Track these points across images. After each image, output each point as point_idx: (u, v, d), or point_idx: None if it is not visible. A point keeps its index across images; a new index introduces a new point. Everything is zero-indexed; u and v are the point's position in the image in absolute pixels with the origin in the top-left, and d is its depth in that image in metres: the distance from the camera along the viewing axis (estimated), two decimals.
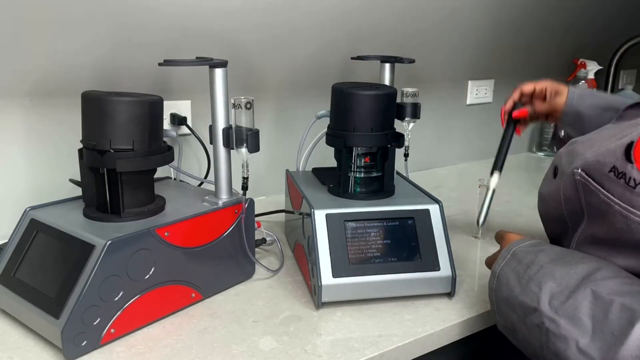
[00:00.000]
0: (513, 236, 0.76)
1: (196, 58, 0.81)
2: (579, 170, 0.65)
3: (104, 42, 1.03)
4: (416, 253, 0.83)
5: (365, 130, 0.87)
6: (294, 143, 1.17)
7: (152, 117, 0.77)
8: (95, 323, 0.69)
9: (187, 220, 0.79)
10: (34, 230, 0.77)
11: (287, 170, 1.06)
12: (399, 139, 0.91)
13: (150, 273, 0.75)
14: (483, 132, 1.70)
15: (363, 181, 0.91)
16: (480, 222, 0.96)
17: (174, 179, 1.01)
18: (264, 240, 1.00)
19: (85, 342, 0.69)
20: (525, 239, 0.73)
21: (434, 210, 0.86)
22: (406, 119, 0.99)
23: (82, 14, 1.00)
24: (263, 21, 1.20)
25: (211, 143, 0.84)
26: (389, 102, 0.89)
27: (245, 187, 0.84)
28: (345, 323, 0.78)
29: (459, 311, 0.82)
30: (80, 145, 0.78)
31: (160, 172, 0.86)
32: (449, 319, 0.80)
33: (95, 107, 0.74)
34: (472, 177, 1.45)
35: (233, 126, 0.81)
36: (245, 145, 0.81)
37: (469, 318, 0.80)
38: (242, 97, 0.80)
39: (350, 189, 0.90)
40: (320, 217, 0.82)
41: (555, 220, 0.75)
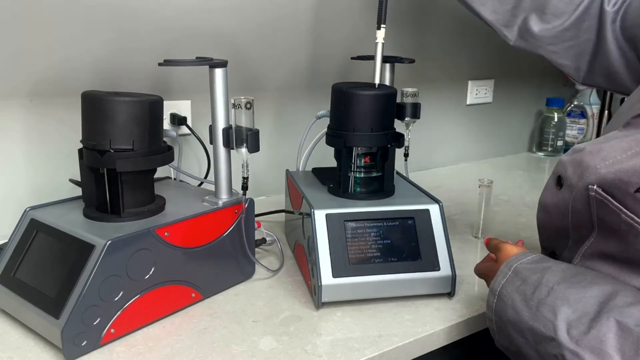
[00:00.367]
0: (511, 248, 0.72)
1: (196, 58, 0.81)
2: (595, 186, 0.61)
3: (104, 42, 1.04)
4: (416, 253, 0.83)
5: (365, 130, 0.87)
6: (294, 143, 1.17)
7: (152, 117, 0.77)
8: (95, 323, 0.69)
9: (187, 220, 0.79)
10: (34, 230, 0.77)
11: (287, 170, 1.06)
12: (399, 139, 0.91)
13: (150, 273, 0.75)
14: (483, 132, 1.70)
15: (363, 181, 0.91)
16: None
17: (174, 179, 1.02)
18: (264, 240, 1.00)
19: (85, 342, 0.69)
20: (525, 253, 0.69)
21: (434, 210, 0.86)
22: (406, 119, 0.99)
23: (83, 14, 1.00)
24: (263, 21, 1.20)
25: (211, 143, 0.84)
26: (389, 102, 0.89)
27: (245, 187, 0.84)
28: (345, 323, 0.78)
29: (459, 311, 0.82)
30: (80, 145, 0.78)
31: (160, 172, 0.86)
32: (449, 319, 0.80)
33: (95, 107, 0.74)
34: (472, 177, 1.45)
35: (233, 126, 0.81)
36: (245, 145, 0.81)
37: (469, 318, 0.80)
38: (242, 97, 0.80)
39: (350, 189, 0.90)
40: (320, 217, 0.82)
41: (556, 231, 0.72)
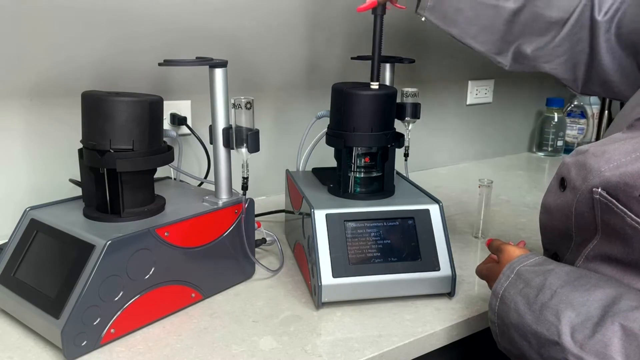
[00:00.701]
0: (513, 250, 0.72)
1: (196, 58, 0.81)
2: (599, 189, 0.60)
3: (104, 42, 1.04)
4: (416, 253, 0.83)
5: (365, 130, 0.87)
6: (294, 143, 1.17)
7: (152, 117, 0.77)
8: (95, 323, 0.69)
9: (187, 220, 0.79)
10: (34, 230, 0.77)
11: (287, 170, 1.06)
12: (399, 139, 0.91)
13: (150, 273, 0.75)
14: (483, 132, 1.70)
15: (363, 181, 0.91)
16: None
17: (174, 179, 1.02)
18: (264, 240, 1.00)
19: (85, 342, 0.69)
20: (528, 255, 0.68)
21: (434, 210, 0.86)
22: (406, 119, 0.99)
23: (83, 14, 1.00)
24: (263, 21, 1.21)
25: (211, 143, 0.84)
26: (389, 102, 0.89)
27: (245, 187, 0.84)
28: (345, 323, 0.78)
29: (459, 311, 0.82)
30: (80, 145, 0.78)
31: (160, 172, 0.86)
32: (449, 319, 0.80)
33: (95, 107, 0.74)
34: (472, 177, 1.45)
35: (233, 126, 0.81)
36: (245, 145, 0.81)
37: (469, 318, 0.80)
38: (242, 97, 0.80)
39: (350, 189, 0.90)
40: (320, 217, 0.82)
41: (559, 232, 0.71)
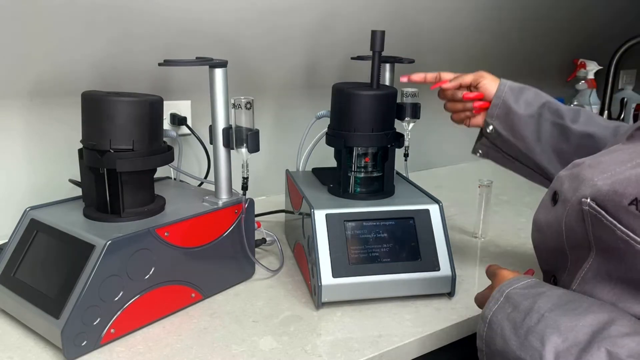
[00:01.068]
0: (507, 273, 0.67)
1: (196, 58, 0.81)
2: (588, 199, 0.56)
3: (104, 43, 1.03)
4: (416, 253, 0.83)
5: (365, 131, 0.87)
6: (294, 143, 1.17)
7: (152, 117, 0.77)
8: (95, 323, 0.69)
9: (187, 220, 0.79)
10: (34, 231, 0.77)
11: (287, 170, 1.06)
12: (399, 139, 0.91)
13: (150, 273, 0.75)
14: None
15: (363, 181, 0.91)
16: None
17: (174, 179, 1.01)
18: (264, 240, 1.00)
19: (85, 342, 0.69)
20: (519, 278, 0.63)
21: (434, 210, 0.86)
22: (406, 119, 0.99)
23: (83, 15, 1.00)
24: (263, 21, 1.20)
25: (211, 143, 0.84)
26: (389, 102, 0.89)
27: (245, 187, 0.84)
28: (345, 323, 0.78)
29: (459, 311, 0.82)
30: (80, 145, 0.78)
31: (160, 172, 0.86)
32: (449, 319, 0.80)
33: (95, 107, 0.74)
34: (472, 177, 1.45)
35: (233, 126, 0.81)
36: (245, 145, 0.81)
37: (469, 318, 0.80)
38: (242, 97, 0.80)
39: (350, 189, 0.90)
40: (320, 217, 0.82)
41: (553, 252, 0.66)
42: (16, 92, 0.98)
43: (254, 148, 0.81)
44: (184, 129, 1.15)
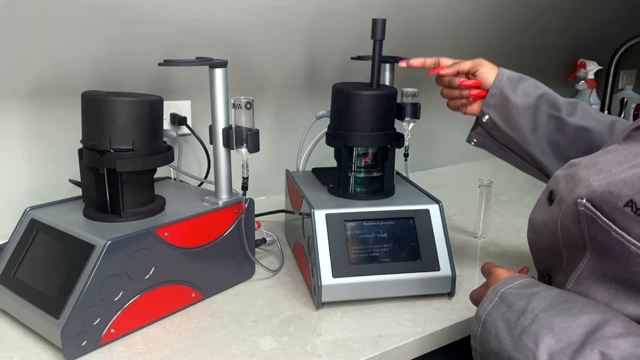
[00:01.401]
0: (502, 272, 0.66)
1: (196, 58, 0.81)
2: (584, 200, 0.56)
3: (104, 43, 1.04)
4: (416, 253, 0.83)
5: (365, 131, 0.87)
6: (294, 143, 1.17)
7: (152, 117, 0.77)
8: (95, 323, 0.69)
9: (187, 220, 0.79)
10: (34, 230, 0.77)
11: (287, 170, 1.06)
12: (399, 139, 0.91)
13: (150, 273, 0.75)
14: None
15: (363, 181, 0.91)
16: None
17: (174, 179, 1.01)
18: (264, 240, 1.00)
19: (85, 342, 0.69)
20: (514, 277, 0.63)
21: (434, 210, 0.86)
22: (406, 119, 0.99)
23: (83, 15, 1.00)
24: (263, 21, 1.21)
25: (211, 143, 0.84)
26: (389, 102, 0.89)
27: (245, 187, 0.84)
28: (345, 323, 0.78)
29: (459, 311, 0.82)
30: (80, 145, 0.78)
31: (160, 172, 0.86)
32: (449, 319, 0.80)
33: (95, 107, 0.74)
34: (472, 177, 1.45)
35: (233, 126, 0.81)
36: (245, 145, 0.81)
37: (469, 318, 0.80)
38: (242, 97, 0.80)
39: (350, 189, 0.90)
40: (320, 217, 0.82)
41: (549, 252, 0.66)
42: (16, 92, 0.98)
43: (254, 148, 0.81)
44: (184, 129, 1.15)
